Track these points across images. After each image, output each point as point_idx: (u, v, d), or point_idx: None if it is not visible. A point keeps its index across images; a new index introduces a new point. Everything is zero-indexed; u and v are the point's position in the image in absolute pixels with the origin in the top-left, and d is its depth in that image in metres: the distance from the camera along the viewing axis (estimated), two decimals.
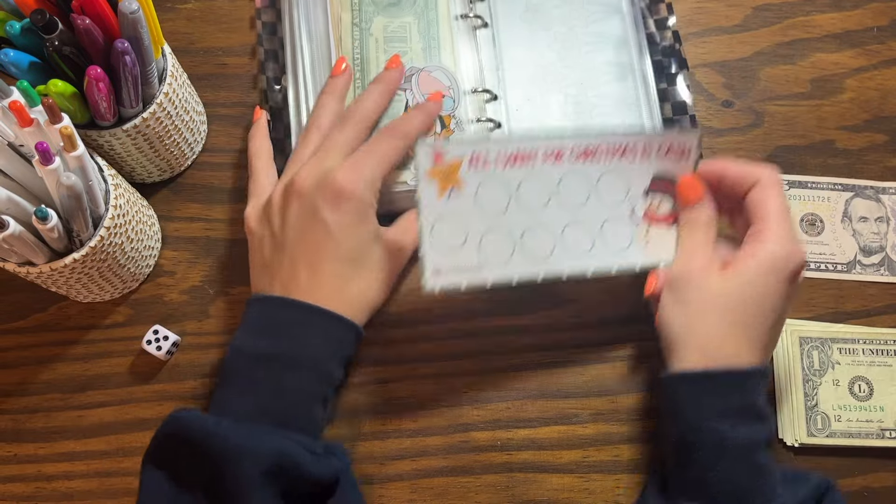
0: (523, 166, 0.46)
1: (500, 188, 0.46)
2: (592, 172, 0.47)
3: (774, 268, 0.42)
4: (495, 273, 0.45)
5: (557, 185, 0.46)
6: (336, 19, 0.53)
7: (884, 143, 0.56)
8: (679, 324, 0.43)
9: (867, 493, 0.48)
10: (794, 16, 0.59)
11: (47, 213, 0.39)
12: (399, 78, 0.50)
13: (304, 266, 0.44)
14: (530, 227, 0.46)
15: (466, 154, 0.45)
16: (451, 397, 0.49)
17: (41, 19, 0.39)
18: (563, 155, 0.46)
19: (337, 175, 0.43)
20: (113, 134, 0.46)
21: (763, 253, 0.42)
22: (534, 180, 0.46)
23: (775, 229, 0.42)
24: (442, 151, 0.44)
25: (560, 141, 0.46)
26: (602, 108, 0.54)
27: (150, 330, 0.48)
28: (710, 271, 0.43)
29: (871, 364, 0.50)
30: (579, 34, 0.56)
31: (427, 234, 0.44)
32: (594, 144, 0.46)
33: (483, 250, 0.45)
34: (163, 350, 0.48)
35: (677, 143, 0.47)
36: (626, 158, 0.47)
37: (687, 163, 0.47)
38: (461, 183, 0.45)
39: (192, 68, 0.55)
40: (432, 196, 0.44)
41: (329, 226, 0.43)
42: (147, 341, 0.48)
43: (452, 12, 0.54)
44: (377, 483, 0.48)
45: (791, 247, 0.42)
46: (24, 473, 0.48)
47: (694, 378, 0.42)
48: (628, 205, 0.47)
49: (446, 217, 0.45)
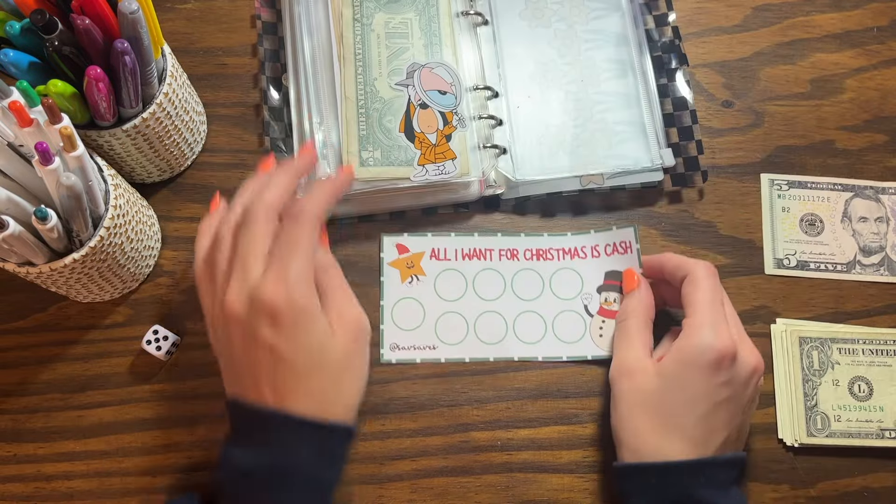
0: (481, 261, 0.51)
1: (458, 277, 0.51)
2: (546, 269, 0.52)
3: (693, 360, 0.42)
4: (449, 352, 0.50)
5: (512, 278, 0.51)
6: (337, 15, 0.53)
7: (884, 143, 0.56)
8: (615, 418, 0.45)
9: (867, 493, 0.48)
10: (794, 16, 0.59)
11: (47, 213, 0.39)
12: (308, 166, 0.45)
13: (269, 389, 0.39)
14: (484, 313, 0.51)
15: (428, 248, 0.51)
16: (450, 397, 0.50)
17: (41, 19, 0.39)
18: (517, 253, 0.51)
19: (265, 291, 0.37)
20: (113, 134, 0.46)
21: (683, 346, 0.43)
22: (490, 272, 0.51)
23: (697, 322, 0.43)
24: (406, 244, 0.51)
25: (516, 239, 0.52)
26: (603, 105, 0.54)
27: (150, 330, 0.48)
28: (641, 367, 0.45)
29: (870, 364, 0.50)
30: (579, 31, 0.56)
31: (388, 314, 0.50)
32: (546, 246, 0.52)
33: (439, 331, 0.50)
34: (162, 350, 0.48)
35: (619, 240, 0.51)
36: (577, 257, 0.52)
37: (632, 255, 0.51)
38: (423, 271, 0.51)
39: (192, 68, 0.55)
40: (395, 281, 0.51)
41: (277, 348, 0.38)
42: (147, 341, 0.48)
43: (453, 9, 0.54)
44: (377, 483, 0.48)
45: (710, 338, 0.42)
46: (24, 473, 0.48)
47: (628, 471, 0.43)
48: (581, 300, 0.51)
49: (407, 300, 0.50)
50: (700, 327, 0.43)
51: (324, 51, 0.52)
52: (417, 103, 0.51)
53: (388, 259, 0.51)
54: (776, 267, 0.53)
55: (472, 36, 0.55)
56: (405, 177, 0.50)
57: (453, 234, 0.52)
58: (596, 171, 0.52)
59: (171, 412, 0.49)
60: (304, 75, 0.52)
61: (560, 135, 0.54)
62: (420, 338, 0.50)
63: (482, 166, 0.51)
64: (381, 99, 0.51)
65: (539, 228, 0.53)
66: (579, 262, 0.52)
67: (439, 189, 0.51)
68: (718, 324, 0.43)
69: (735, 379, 0.42)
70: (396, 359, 0.50)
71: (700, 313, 0.43)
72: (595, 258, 0.52)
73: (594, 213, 0.53)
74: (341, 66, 0.51)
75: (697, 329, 0.43)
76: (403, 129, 0.51)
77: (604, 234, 0.52)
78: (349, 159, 0.49)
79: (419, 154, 0.50)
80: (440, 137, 0.51)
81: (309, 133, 0.51)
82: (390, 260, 0.51)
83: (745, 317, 0.51)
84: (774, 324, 0.51)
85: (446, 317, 0.50)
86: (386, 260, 0.51)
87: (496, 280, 0.51)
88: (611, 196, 0.54)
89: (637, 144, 0.53)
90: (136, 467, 0.48)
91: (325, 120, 0.51)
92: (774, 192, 0.54)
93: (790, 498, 0.48)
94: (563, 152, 0.53)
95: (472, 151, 0.51)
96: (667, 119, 0.54)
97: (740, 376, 0.43)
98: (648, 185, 0.53)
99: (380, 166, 0.50)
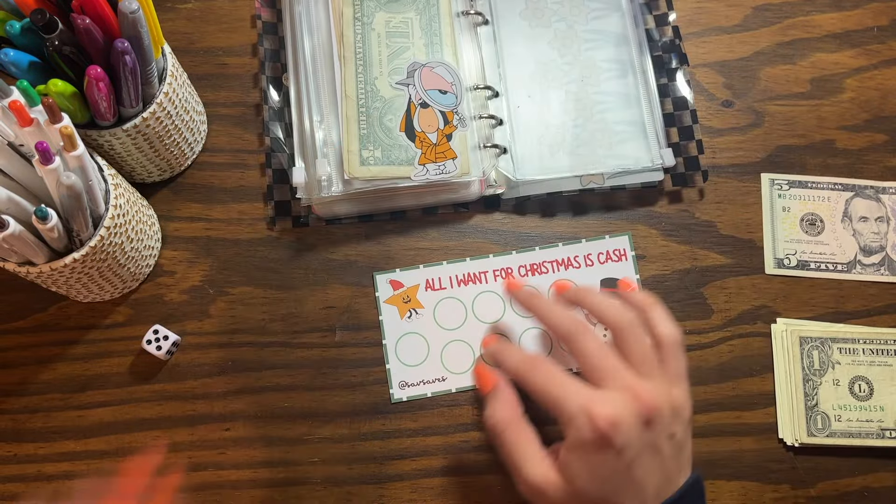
0: (476, 284, 0.51)
1: (457, 305, 0.51)
2: (542, 283, 0.51)
3: (576, 449, 0.38)
4: (458, 382, 0.50)
5: (511, 297, 0.50)
6: (338, 14, 0.53)
7: (884, 143, 0.56)
8: None
9: (867, 493, 0.48)
10: (794, 16, 0.59)
11: (47, 212, 0.39)
12: None
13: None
14: None
15: (422, 280, 0.51)
16: (451, 397, 0.49)
17: (41, 19, 0.39)
18: (511, 272, 0.51)
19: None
20: (113, 134, 0.46)
21: (567, 443, 0.38)
22: (488, 295, 0.51)
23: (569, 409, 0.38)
24: (399, 280, 0.51)
25: (507, 258, 0.52)
26: (603, 105, 0.54)
27: (150, 330, 0.48)
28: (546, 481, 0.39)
29: (871, 364, 0.50)
30: (579, 31, 0.56)
31: (392, 352, 0.50)
32: (539, 260, 0.52)
33: (445, 362, 0.50)
34: (163, 350, 0.48)
35: (612, 248, 0.52)
36: (572, 267, 0.52)
37: (627, 263, 0.51)
38: (420, 304, 0.51)
39: (192, 68, 0.55)
40: (395, 318, 0.51)
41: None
42: (147, 341, 0.48)
43: (454, 9, 0.54)
44: (377, 483, 0.48)
45: (582, 418, 0.37)
46: (24, 473, 0.48)
47: None
48: (580, 310, 0.49)
49: (409, 335, 0.50)
50: (573, 418, 0.37)
51: (324, 50, 0.52)
52: (418, 102, 0.51)
53: (383, 297, 0.51)
54: (776, 267, 0.53)
55: (472, 36, 0.55)
56: (406, 176, 0.50)
57: (445, 263, 0.52)
58: (596, 170, 0.52)
59: (171, 412, 0.49)
60: (305, 74, 0.52)
61: (560, 135, 0.54)
62: (428, 371, 0.50)
63: (482, 166, 0.51)
64: (381, 98, 0.51)
65: (539, 228, 0.53)
66: (574, 272, 0.52)
67: (440, 189, 0.51)
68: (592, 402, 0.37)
69: (630, 441, 0.37)
70: (407, 396, 0.49)
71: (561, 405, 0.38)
72: (589, 267, 0.52)
73: (594, 213, 0.53)
74: (342, 65, 0.51)
75: (566, 425, 0.38)
76: (404, 129, 0.50)
77: (595, 243, 0.52)
78: (350, 158, 0.49)
79: (420, 153, 0.50)
80: (441, 137, 0.51)
81: (309, 132, 0.51)
82: (386, 298, 0.51)
83: (745, 317, 0.51)
84: (775, 323, 0.51)
85: (451, 346, 0.50)
86: (382, 298, 0.51)
87: (495, 302, 0.51)
88: (611, 196, 0.54)
89: (637, 144, 0.53)
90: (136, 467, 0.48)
91: (325, 119, 0.51)
92: (775, 191, 0.54)
93: (790, 498, 0.48)
94: (563, 152, 0.53)
95: (473, 151, 0.51)
96: (667, 119, 0.54)
97: (633, 435, 0.37)
98: (648, 184, 0.53)
99: (380, 165, 0.50)
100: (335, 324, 0.51)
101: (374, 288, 0.51)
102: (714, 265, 0.53)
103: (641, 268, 0.52)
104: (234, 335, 0.50)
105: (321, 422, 0.49)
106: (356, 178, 0.49)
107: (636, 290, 0.45)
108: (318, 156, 0.50)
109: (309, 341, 0.50)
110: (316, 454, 0.48)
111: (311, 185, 0.50)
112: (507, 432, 0.40)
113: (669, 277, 0.52)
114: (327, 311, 0.51)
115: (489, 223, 0.53)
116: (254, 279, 0.51)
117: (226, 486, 0.48)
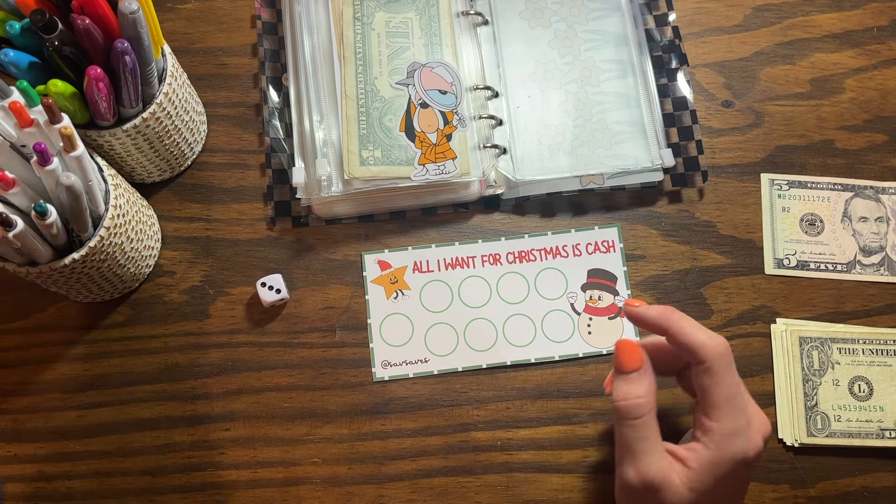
0: (464, 269, 0.52)
1: (443, 288, 0.51)
2: (530, 271, 0.52)
3: (728, 473, 0.38)
4: (441, 364, 0.50)
5: (497, 282, 0.51)
6: (338, 14, 0.53)
7: (884, 143, 0.56)
8: None
9: (867, 493, 0.48)
10: (794, 16, 0.59)
11: (46, 208, 0.39)
12: None
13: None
14: (473, 321, 0.51)
15: (410, 261, 0.51)
16: (451, 397, 0.50)
17: (41, 19, 0.39)
18: (500, 258, 0.52)
19: None
20: (113, 134, 0.46)
21: (715, 459, 0.38)
22: (475, 279, 0.51)
23: (727, 429, 0.38)
24: (388, 260, 0.51)
25: (496, 244, 0.52)
26: (602, 105, 0.54)
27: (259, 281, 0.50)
28: (666, 480, 0.38)
29: (870, 364, 0.50)
30: (579, 31, 0.56)
31: (376, 331, 0.50)
32: (527, 248, 0.52)
33: (429, 344, 0.50)
34: (271, 298, 0.49)
35: (601, 239, 0.52)
36: (560, 256, 0.52)
37: (615, 255, 0.51)
38: (407, 285, 0.51)
39: (192, 68, 0.55)
40: (381, 298, 0.51)
41: None
42: (262, 283, 0.50)
43: (454, 9, 0.54)
44: (377, 483, 0.48)
45: (743, 448, 0.38)
46: (24, 473, 0.48)
47: None
48: (567, 299, 0.51)
49: (394, 316, 0.50)
50: (732, 437, 0.38)
51: (324, 49, 0.52)
52: (418, 102, 0.51)
53: (370, 277, 0.51)
54: (776, 267, 0.53)
55: (472, 36, 0.55)
56: (405, 176, 0.50)
57: (434, 246, 0.52)
58: (596, 171, 0.52)
59: (171, 412, 0.49)
60: (305, 74, 0.52)
61: (560, 135, 0.54)
62: (411, 352, 0.50)
63: (482, 166, 0.51)
64: (381, 98, 0.51)
65: (539, 228, 0.53)
66: (562, 262, 0.52)
67: (439, 189, 0.51)
68: (748, 426, 0.38)
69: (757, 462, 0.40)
70: (389, 376, 0.50)
71: (727, 417, 0.38)
72: (577, 256, 0.52)
73: (594, 214, 0.53)
74: (342, 65, 0.51)
75: (729, 439, 0.38)
76: (404, 129, 0.51)
77: (584, 233, 0.52)
78: (349, 158, 0.49)
79: (420, 153, 0.50)
80: (441, 137, 0.51)
81: (309, 132, 0.51)
82: (373, 277, 0.51)
83: (745, 317, 0.51)
84: (774, 324, 0.51)
85: (435, 328, 0.51)
86: (369, 278, 0.51)
87: (481, 286, 0.51)
88: (611, 196, 0.54)
89: (637, 144, 0.53)
90: (136, 467, 0.48)
91: (325, 118, 0.51)
92: (774, 191, 0.54)
93: (790, 498, 0.48)
94: (562, 152, 0.53)
95: (473, 151, 0.51)
96: (667, 119, 0.54)
97: (760, 457, 0.40)
98: (648, 185, 0.53)
99: (380, 165, 0.50)
100: (335, 324, 0.51)
101: (362, 267, 0.51)
102: (714, 265, 0.53)
103: (641, 268, 0.52)
104: (233, 335, 0.50)
105: (321, 422, 0.49)
106: (356, 178, 0.49)
107: (644, 359, 0.40)
108: (317, 156, 0.50)
109: (309, 341, 0.50)
110: (316, 454, 0.48)
111: (310, 186, 0.50)
112: (640, 419, 0.39)
113: (669, 277, 0.52)
114: (327, 311, 0.51)
115: (489, 223, 0.53)
116: (254, 279, 0.51)
117: (226, 486, 0.48)
